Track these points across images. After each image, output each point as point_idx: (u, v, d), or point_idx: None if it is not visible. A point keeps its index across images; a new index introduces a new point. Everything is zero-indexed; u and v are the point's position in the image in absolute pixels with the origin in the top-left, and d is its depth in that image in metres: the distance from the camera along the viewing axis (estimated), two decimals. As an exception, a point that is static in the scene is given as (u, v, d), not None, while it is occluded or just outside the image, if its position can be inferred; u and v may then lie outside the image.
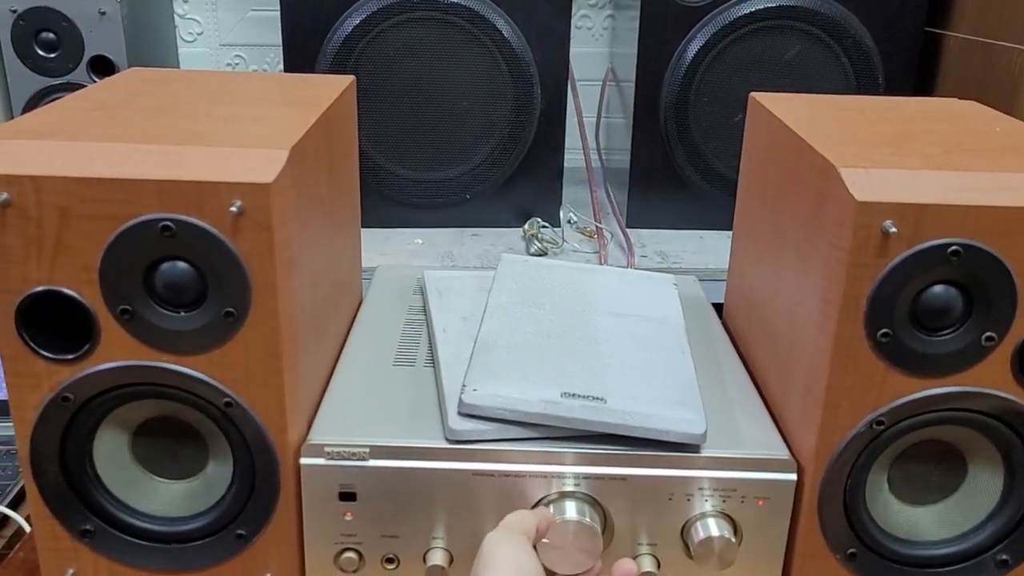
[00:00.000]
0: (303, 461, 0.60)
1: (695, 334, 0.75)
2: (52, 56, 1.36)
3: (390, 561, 0.62)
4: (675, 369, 0.66)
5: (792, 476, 0.60)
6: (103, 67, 1.36)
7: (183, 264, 0.54)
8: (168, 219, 0.53)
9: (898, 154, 0.58)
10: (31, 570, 0.69)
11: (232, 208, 0.52)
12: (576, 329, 0.70)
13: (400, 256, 1.21)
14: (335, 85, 0.74)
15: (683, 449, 0.60)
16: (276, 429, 0.58)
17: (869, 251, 0.54)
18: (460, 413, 0.60)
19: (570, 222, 1.32)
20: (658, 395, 0.62)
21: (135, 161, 0.53)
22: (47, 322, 0.56)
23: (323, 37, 1.20)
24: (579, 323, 0.71)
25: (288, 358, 0.57)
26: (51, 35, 1.35)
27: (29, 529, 0.74)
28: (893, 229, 0.53)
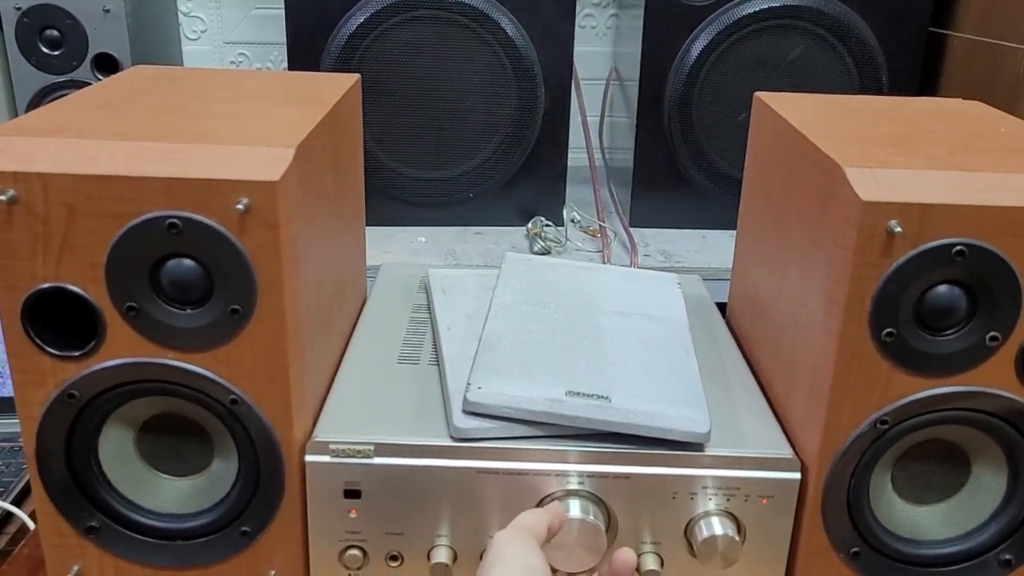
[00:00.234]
0: (308, 458, 0.60)
1: (699, 333, 0.75)
2: (56, 54, 1.36)
3: (394, 558, 0.62)
4: (679, 368, 0.67)
5: (796, 475, 0.60)
6: (107, 65, 1.36)
7: (189, 261, 0.54)
8: (174, 216, 0.53)
9: (903, 154, 0.58)
10: (36, 566, 0.69)
11: (238, 206, 0.52)
12: (580, 328, 0.70)
13: (403, 254, 1.21)
14: (340, 83, 0.74)
15: (687, 448, 0.60)
16: (281, 426, 0.58)
17: (874, 251, 0.54)
18: (465, 411, 0.60)
19: (573, 221, 1.32)
20: (662, 394, 0.62)
21: (142, 159, 0.53)
22: (53, 319, 0.56)
23: (327, 35, 1.20)
24: (583, 322, 0.71)
25: (293, 355, 0.57)
26: (55, 32, 1.35)
27: (33, 526, 0.74)
28: (898, 229, 0.53)
